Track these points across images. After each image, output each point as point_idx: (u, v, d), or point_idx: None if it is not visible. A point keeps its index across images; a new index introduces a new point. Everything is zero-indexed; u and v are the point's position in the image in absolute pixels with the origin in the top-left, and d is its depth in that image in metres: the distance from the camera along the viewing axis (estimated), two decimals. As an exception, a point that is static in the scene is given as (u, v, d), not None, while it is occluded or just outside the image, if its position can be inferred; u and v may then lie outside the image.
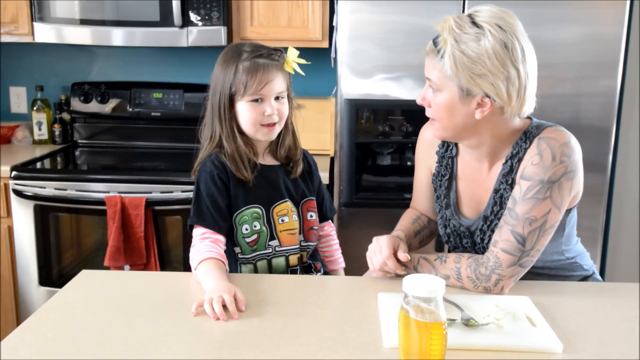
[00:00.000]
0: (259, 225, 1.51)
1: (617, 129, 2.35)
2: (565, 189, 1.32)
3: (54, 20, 2.61)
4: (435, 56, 1.32)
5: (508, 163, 1.38)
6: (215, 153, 1.51)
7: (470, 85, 1.29)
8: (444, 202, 1.52)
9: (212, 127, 1.52)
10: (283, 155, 1.57)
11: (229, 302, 1.21)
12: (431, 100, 1.37)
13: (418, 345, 0.96)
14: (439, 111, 1.35)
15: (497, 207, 1.40)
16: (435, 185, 1.55)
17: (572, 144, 1.33)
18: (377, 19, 2.27)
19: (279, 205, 1.53)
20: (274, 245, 1.52)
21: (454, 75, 1.29)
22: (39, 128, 2.96)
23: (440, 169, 1.52)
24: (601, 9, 2.20)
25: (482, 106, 1.31)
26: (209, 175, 1.48)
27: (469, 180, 1.48)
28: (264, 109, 1.46)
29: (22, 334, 1.13)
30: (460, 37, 1.28)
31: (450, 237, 1.52)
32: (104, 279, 1.42)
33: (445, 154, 1.52)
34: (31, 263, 2.50)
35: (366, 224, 1.60)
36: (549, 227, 1.32)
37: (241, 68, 1.45)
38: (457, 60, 1.27)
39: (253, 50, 1.48)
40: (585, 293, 1.37)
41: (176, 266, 2.49)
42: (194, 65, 3.03)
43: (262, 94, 1.45)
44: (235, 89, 1.46)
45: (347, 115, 2.34)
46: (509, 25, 1.28)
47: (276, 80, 1.47)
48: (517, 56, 1.28)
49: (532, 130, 1.36)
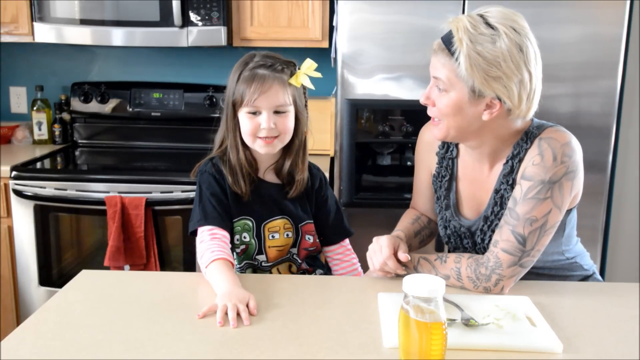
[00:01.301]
0: (248, 237, 1.50)
1: (617, 129, 2.35)
2: (566, 189, 1.32)
3: (54, 20, 2.60)
4: (446, 55, 1.30)
5: (509, 163, 1.38)
6: (216, 157, 1.50)
7: (484, 87, 1.27)
8: (444, 203, 1.52)
9: (222, 133, 1.51)
10: (285, 175, 1.52)
11: (242, 311, 1.19)
12: (436, 100, 1.35)
13: (418, 345, 0.96)
14: (445, 111, 1.33)
15: (498, 208, 1.40)
16: (436, 187, 1.54)
17: (573, 144, 1.33)
18: (377, 19, 2.27)
19: (271, 222, 1.51)
20: (260, 260, 1.52)
21: (468, 76, 1.27)
22: (39, 128, 2.96)
23: (441, 170, 1.52)
24: (601, 9, 2.20)
25: (491, 108, 1.30)
26: (211, 175, 1.48)
27: (469, 181, 1.48)
28: (259, 121, 1.42)
29: (22, 334, 1.13)
30: (476, 38, 1.26)
31: (451, 238, 1.52)
32: (104, 279, 1.42)
33: (445, 155, 1.51)
34: (31, 263, 2.50)
35: (366, 224, 1.60)
36: (549, 227, 1.32)
37: (242, 78, 1.42)
38: (473, 61, 1.25)
39: (259, 60, 1.44)
40: (585, 293, 1.37)
41: (176, 266, 2.48)
42: (194, 65, 3.03)
43: (256, 105, 1.41)
44: (235, 98, 1.44)
45: (347, 115, 2.34)
46: (522, 27, 1.28)
47: (273, 92, 1.41)
48: (530, 59, 1.28)
49: (533, 131, 1.36)
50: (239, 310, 1.19)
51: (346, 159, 2.38)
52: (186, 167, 1.66)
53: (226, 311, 1.19)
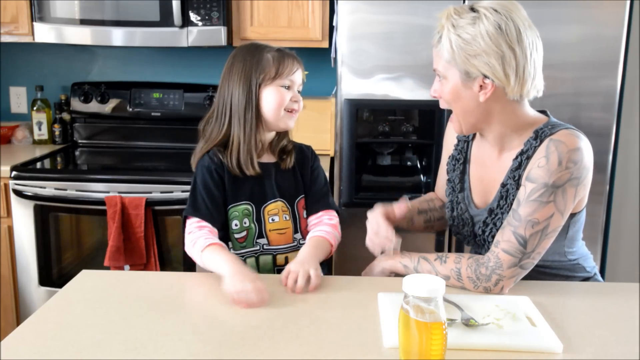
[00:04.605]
0: (248, 222, 1.53)
1: (617, 129, 2.34)
2: (569, 195, 1.31)
3: (54, 20, 2.60)
4: (437, 45, 1.37)
5: (518, 159, 1.38)
6: (213, 150, 1.53)
7: (467, 66, 1.32)
8: (458, 185, 1.54)
9: (221, 122, 1.53)
10: (278, 150, 1.59)
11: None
12: (441, 91, 1.41)
13: (418, 345, 0.96)
14: (448, 98, 1.40)
15: (503, 202, 1.41)
16: (449, 168, 1.58)
17: (582, 150, 1.32)
18: (377, 19, 2.27)
19: (270, 204, 1.55)
20: (261, 243, 1.54)
21: (451, 58, 1.33)
22: (39, 128, 2.96)
23: (455, 153, 1.56)
24: (601, 9, 2.20)
25: (484, 88, 1.34)
26: (206, 169, 1.51)
27: (479, 164, 1.50)
28: (291, 94, 1.51)
29: (22, 334, 1.13)
30: (457, 22, 1.33)
31: (455, 220, 1.55)
32: (104, 279, 1.42)
33: (462, 138, 1.56)
34: (31, 263, 2.50)
35: (366, 223, 1.60)
36: (550, 231, 1.32)
37: (269, 56, 1.50)
38: (453, 43, 1.33)
39: (272, 46, 1.54)
40: (585, 293, 1.37)
41: (176, 266, 2.48)
42: (194, 65, 3.03)
43: (291, 80, 1.51)
44: (263, 76, 1.49)
45: (347, 115, 2.34)
46: (505, 8, 1.32)
47: (300, 73, 1.54)
48: (512, 37, 1.30)
49: (546, 130, 1.36)
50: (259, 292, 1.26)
51: (346, 159, 2.38)
52: (186, 167, 1.66)
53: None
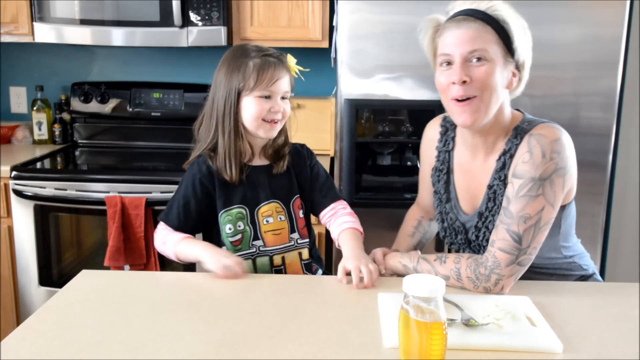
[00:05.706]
0: (242, 225, 1.53)
1: (617, 129, 2.34)
2: (557, 186, 1.32)
3: (54, 20, 2.61)
4: (480, 24, 1.31)
5: (501, 159, 1.39)
6: (204, 155, 1.53)
7: (521, 52, 1.34)
8: (444, 196, 1.53)
9: (209, 126, 1.53)
10: (271, 153, 1.58)
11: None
12: (474, 74, 1.31)
13: (418, 345, 0.96)
14: (488, 82, 1.31)
15: (492, 204, 1.40)
16: (434, 180, 1.56)
17: (563, 141, 1.33)
18: (377, 18, 2.27)
19: (264, 206, 1.54)
20: (257, 245, 1.54)
21: (515, 39, 1.32)
22: (39, 128, 2.96)
23: (438, 164, 1.55)
24: (601, 9, 2.20)
25: (514, 76, 1.37)
26: (191, 178, 1.53)
27: (464, 172, 1.50)
28: (271, 105, 1.48)
29: (22, 334, 1.13)
30: (501, 5, 1.33)
31: (447, 231, 1.54)
32: (104, 279, 1.42)
33: (442, 149, 1.54)
34: (31, 263, 2.50)
35: (366, 224, 1.60)
36: (543, 224, 1.32)
37: (251, 64, 1.47)
38: (520, 24, 1.33)
39: (260, 50, 1.51)
40: (585, 293, 1.37)
41: (176, 266, 2.48)
42: (194, 65, 3.03)
43: (271, 90, 1.48)
44: (243, 85, 1.47)
45: (347, 115, 2.34)
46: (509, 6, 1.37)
47: (284, 80, 1.50)
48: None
49: (524, 127, 1.37)
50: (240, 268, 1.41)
51: (346, 159, 2.38)
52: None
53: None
